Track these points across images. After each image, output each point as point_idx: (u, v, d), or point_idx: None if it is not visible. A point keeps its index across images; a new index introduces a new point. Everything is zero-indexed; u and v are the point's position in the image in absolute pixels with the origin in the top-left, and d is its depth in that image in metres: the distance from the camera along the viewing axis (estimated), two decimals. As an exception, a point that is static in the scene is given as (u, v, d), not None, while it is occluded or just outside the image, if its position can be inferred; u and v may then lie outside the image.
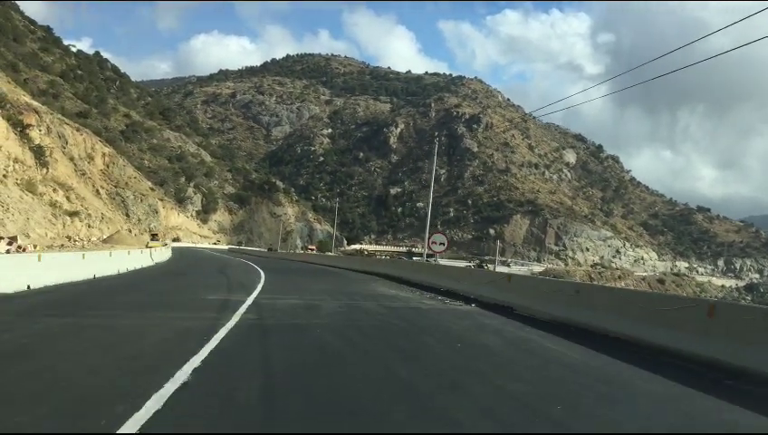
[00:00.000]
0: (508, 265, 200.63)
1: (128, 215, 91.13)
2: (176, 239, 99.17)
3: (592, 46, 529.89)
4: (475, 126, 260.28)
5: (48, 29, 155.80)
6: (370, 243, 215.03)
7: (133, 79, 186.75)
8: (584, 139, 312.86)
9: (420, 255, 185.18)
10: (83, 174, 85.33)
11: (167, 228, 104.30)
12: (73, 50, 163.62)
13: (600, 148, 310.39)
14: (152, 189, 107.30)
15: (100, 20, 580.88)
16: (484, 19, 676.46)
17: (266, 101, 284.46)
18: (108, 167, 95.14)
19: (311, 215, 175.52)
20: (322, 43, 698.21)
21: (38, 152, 63.96)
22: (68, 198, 65.08)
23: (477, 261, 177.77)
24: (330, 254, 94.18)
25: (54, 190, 62.05)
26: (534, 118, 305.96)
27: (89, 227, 69.20)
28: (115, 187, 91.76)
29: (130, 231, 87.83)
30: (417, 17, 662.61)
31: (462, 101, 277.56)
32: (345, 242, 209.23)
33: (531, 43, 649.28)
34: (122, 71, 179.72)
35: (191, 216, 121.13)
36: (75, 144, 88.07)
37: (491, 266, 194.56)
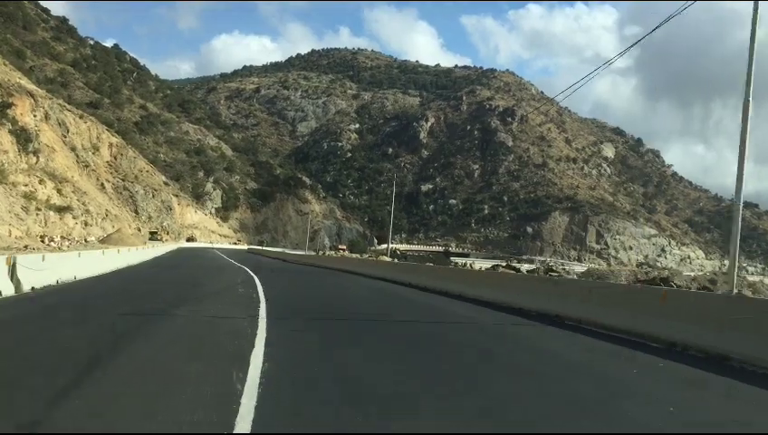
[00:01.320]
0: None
1: (137, 211, 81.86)
2: (190, 239, 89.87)
3: (619, 39, 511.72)
4: (509, 119, 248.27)
5: (63, 20, 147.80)
6: (401, 242, 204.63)
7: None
8: (623, 132, 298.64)
9: (456, 254, 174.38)
10: (86, 166, 76.21)
11: (181, 227, 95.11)
12: (90, 42, 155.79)
13: (639, 141, 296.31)
14: (166, 184, 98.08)
15: (121, 20, 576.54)
16: (506, 14, 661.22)
17: (291, 96, 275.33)
18: (115, 158, 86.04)
19: (338, 213, 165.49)
20: (343, 41, 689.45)
21: (23, 137, 54.41)
22: (59, 192, 55.61)
23: (506, 263, 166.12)
24: (367, 258, 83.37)
25: (41, 181, 52.52)
26: (570, 111, 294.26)
27: (86, 224, 59.63)
28: (122, 180, 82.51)
29: (140, 230, 78.44)
30: (438, 13, 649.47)
31: (494, 94, 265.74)
32: (375, 241, 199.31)
33: (555, 37, 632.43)
34: (142, 63, 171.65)
35: (210, 213, 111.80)
36: (78, 133, 78.92)
37: (522, 267, 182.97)
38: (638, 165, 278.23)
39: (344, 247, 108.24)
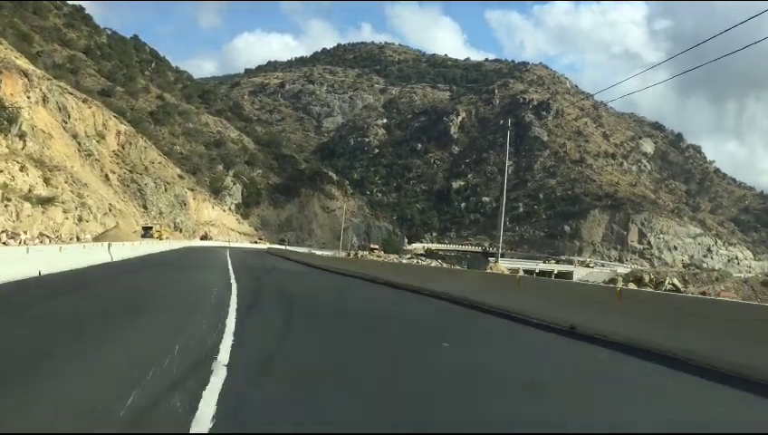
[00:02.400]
0: (589, 266, 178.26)
1: (145, 206, 73.35)
2: (205, 237, 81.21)
3: (649, 34, 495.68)
4: (543, 113, 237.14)
5: (79, 8, 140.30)
6: (432, 241, 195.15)
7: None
8: (662, 127, 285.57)
9: (493, 254, 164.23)
10: (89, 155, 67.80)
11: (197, 224, 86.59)
12: (108, 32, 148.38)
13: (679, 136, 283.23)
14: (181, 177, 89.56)
15: (143, 18, 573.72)
16: (531, 9, 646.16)
17: (317, 91, 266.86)
18: (123, 148, 77.64)
19: (367, 210, 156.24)
20: (365, 37, 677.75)
21: (4, 118, 45.92)
22: (47, 181, 47.02)
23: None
24: (411, 262, 73.62)
25: (23, 169, 43.92)
26: (606, 105, 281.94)
27: (80, 220, 51.01)
28: (130, 171, 74.03)
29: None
30: (462, 9, 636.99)
31: (528, 87, 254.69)
32: (406, 241, 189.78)
33: (581, 32, 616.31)
34: (162, 55, 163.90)
35: (229, 209, 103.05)
36: (81, 119, 70.62)
37: (552, 267, 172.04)
38: (679, 161, 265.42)
39: (377, 247, 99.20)
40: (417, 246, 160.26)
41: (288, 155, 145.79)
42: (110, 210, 63.12)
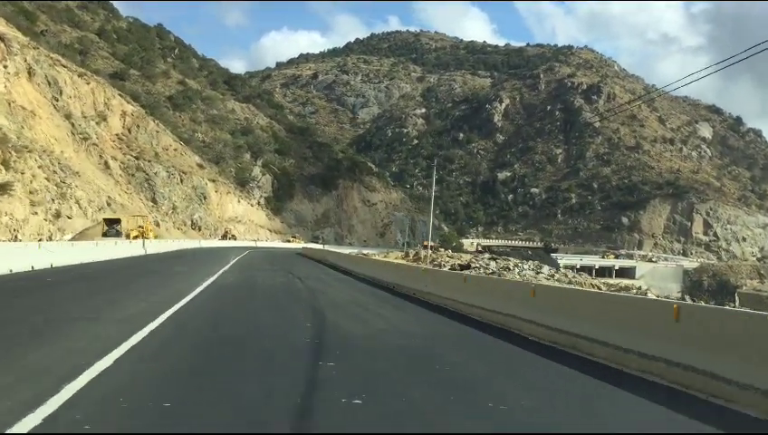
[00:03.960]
0: (652, 261, 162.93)
1: (154, 200, 61.35)
2: (226, 235, 68.94)
3: (686, 17, 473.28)
4: (594, 97, 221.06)
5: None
6: (478, 236, 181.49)
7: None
8: (720, 110, 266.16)
9: (556, 250, 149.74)
10: (85, 138, 55.98)
11: (220, 220, 74.53)
12: (130, 20, 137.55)
13: (738, 120, 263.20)
14: (200, 166, 77.46)
15: (169, 17, 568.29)
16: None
17: (351, 81, 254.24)
18: (129, 131, 65.87)
19: (410, 204, 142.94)
20: (393, 30, 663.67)
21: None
22: (4, 165, 35.07)
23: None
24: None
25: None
26: (657, 89, 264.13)
27: (57, 215, 39.08)
28: (136, 158, 62.15)
29: (158, 224, 57.80)
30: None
31: (576, 71, 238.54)
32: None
33: (614, 18, 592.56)
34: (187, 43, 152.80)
35: (257, 203, 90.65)
36: (77, 96, 59.10)
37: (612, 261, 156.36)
38: (740, 146, 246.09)
39: (435, 245, 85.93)
40: (465, 242, 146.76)
41: (324, 143, 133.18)
42: (108, 204, 51.23)
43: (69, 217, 42.26)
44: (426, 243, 59.45)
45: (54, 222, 38.66)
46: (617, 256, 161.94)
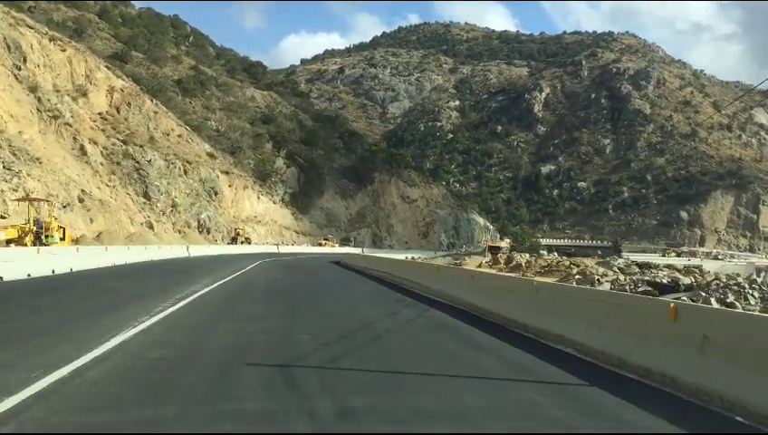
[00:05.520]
0: (718, 259, 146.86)
1: (147, 195, 48.04)
2: (236, 239, 54.99)
3: (717, 6, 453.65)
4: (642, 82, 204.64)
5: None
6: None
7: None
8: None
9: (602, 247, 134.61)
10: (55, 117, 43.06)
11: (234, 220, 61.05)
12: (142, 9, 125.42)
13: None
14: (211, 156, 64.03)
15: (188, 19, 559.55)
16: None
17: (380, 75, 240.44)
18: (118, 110, 52.87)
19: (452, 200, 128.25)
20: (421, 22, 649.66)
21: None
22: None
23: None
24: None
25: None
26: (706, 74, 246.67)
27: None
28: (123, 143, 48.93)
29: (152, 226, 44.81)
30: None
31: (620, 57, 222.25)
32: (498, 236, 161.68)
33: (641, 8, 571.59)
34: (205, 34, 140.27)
35: (281, 200, 76.63)
36: (47, 66, 46.51)
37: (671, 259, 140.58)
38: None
39: (506, 244, 71.91)
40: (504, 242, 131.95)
41: (355, 132, 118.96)
42: (80, 201, 38.11)
43: (5, 216, 29.24)
44: (497, 243, 46.94)
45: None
46: (678, 254, 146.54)
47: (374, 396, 5.66)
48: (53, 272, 19.79)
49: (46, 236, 26.14)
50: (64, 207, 35.30)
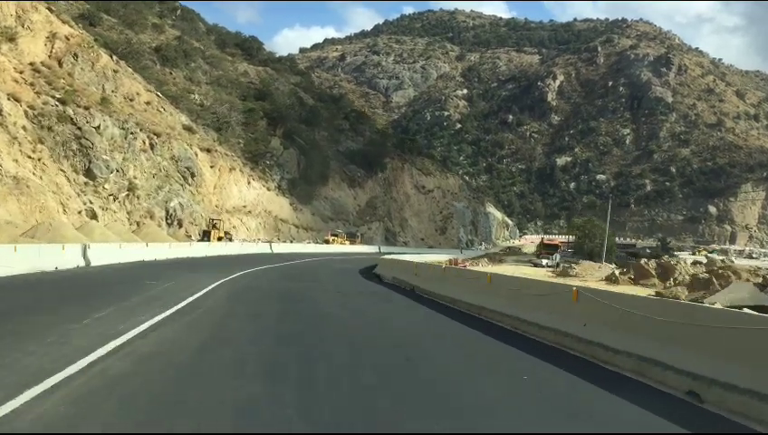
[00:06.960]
0: (752, 257, 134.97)
1: (90, 173, 35.59)
2: (208, 234, 40.92)
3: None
4: (663, 69, 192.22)
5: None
6: (536, 232, 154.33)
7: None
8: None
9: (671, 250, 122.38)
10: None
11: (217, 210, 48.66)
12: None
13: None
14: (189, 130, 51.46)
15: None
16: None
17: (383, 62, 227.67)
18: (60, 63, 40.36)
19: (468, 192, 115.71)
20: (425, 9, 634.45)
21: None
22: None
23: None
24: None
25: None
26: (725, 63, 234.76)
27: None
28: (61, 102, 36.42)
29: (94, 216, 32.25)
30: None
31: (638, 43, 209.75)
32: (517, 233, 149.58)
33: (641, 4, 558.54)
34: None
35: (278, 187, 63.71)
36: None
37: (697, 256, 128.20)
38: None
39: (564, 242, 59.08)
40: (534, 238, 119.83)
41: (363, 113, 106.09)
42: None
43: None
44: (551, 239, 34.83)
45: None
46: (710, 252, 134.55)
47: None
48: None
49: None
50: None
